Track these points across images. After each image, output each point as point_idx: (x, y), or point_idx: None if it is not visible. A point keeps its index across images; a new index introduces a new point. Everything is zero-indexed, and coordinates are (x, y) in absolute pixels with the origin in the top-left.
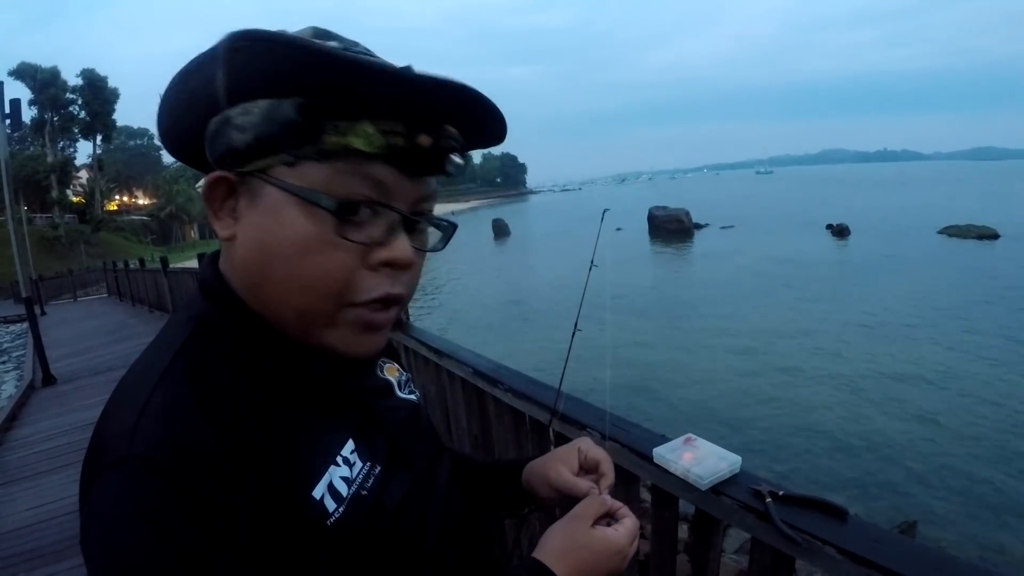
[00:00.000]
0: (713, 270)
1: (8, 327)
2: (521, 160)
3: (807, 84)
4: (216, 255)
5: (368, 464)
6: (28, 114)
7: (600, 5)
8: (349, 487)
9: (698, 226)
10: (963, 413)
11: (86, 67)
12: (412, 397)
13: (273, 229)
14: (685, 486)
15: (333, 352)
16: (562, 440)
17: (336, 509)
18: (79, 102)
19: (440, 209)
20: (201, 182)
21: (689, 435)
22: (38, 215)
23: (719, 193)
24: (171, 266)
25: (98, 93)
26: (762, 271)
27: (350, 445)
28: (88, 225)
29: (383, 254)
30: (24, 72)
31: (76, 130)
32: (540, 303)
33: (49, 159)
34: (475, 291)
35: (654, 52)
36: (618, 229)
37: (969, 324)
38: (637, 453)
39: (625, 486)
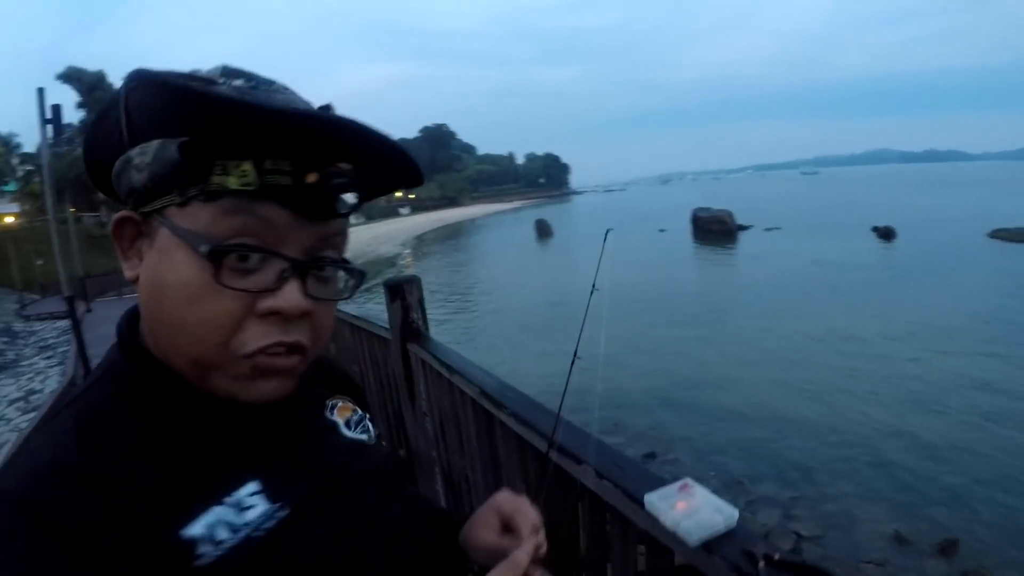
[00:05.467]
0: (756, 273)
1: (55, 323)
2: (564, 160)
3: (852, 82)
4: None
5: (275, 506)
6: (76, 116)
7: (640, 4)
8: (235, 529)
9: (742, 227)
10: (1014, 425)
11: (132, 69)
12: (362, 437)
13: (164, 272)
14: (676, 538)
15: (233, 398)
16: (561, 472)
17: (210, 551)
18: None
19: (483, 209)
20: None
21: (686, 481)
22: (86, 214)
23: (764, 194)
24: None
25: None
26: (806, 274)
27: (252, 487)
28: None
29: (268, 302)
30: (72, 76)
31: None
32: (580, 305)
33: None
34: (515, 291)
35: (696, 51)
36: (661, 230)
37: (1021, 332)
38: (629, 496)
39: (622, 525)
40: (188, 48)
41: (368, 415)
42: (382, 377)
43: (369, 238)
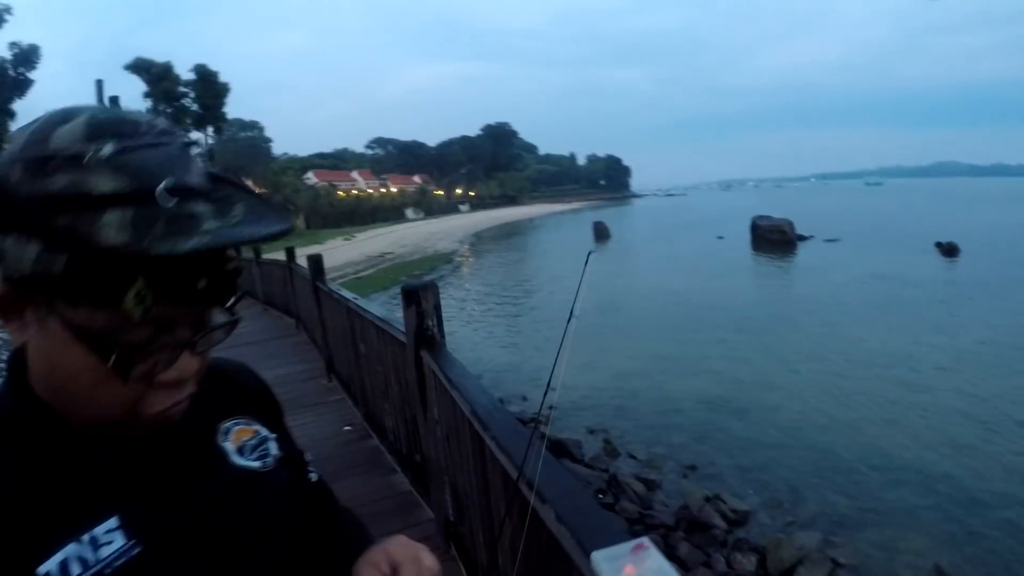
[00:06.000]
0: (812, 286)
1: None
2: (625, 163)
3: (919, 92)
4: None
5: (130, 543)
6: (143, 105)
7: (705, 7)
8: (88, 565)
9: (802, 238)
10: None
11: (198, 62)
12: (254, 464)
13: (62, 362)
14: None
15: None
16: (533, 512)
17: None
18: (191, 95)
19: (542, 209)
20: None
21: (642, 541)
22: None
23: (825, 204)
24: (262, 257)
25: (209, 87)
26: (863, 289)
27: (111, 523)
28: None
29: (170, 375)
30: (139, 67)
31: (188, 121)
32: (633, 312)
33: None
34: (568, 293)
35: (761, 56)
36: (720, 237)
37: None
38: (583, 547)
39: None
40: (253, 42)
41: (277, 435)
42: (401, 381)
43: (427, 233)
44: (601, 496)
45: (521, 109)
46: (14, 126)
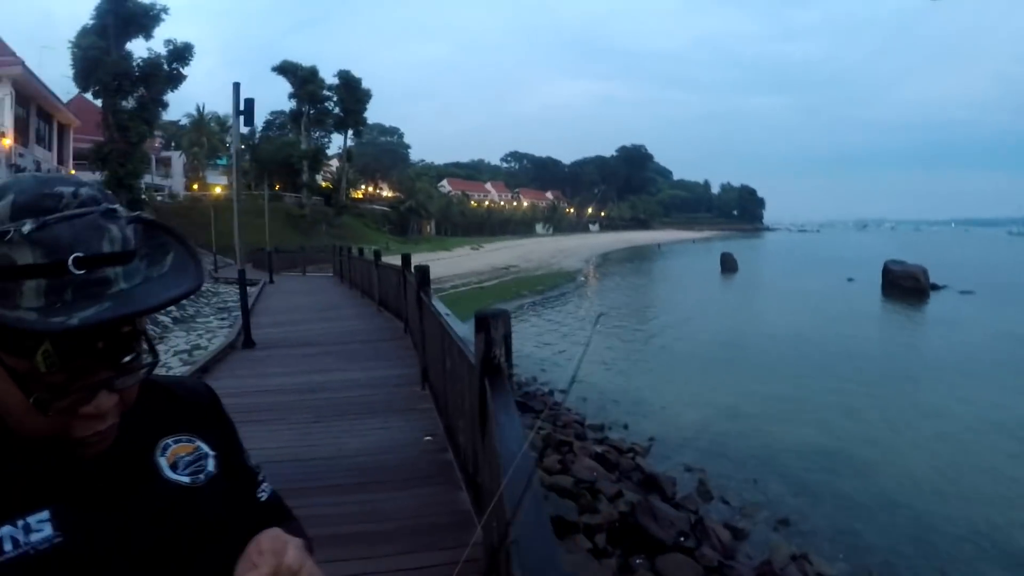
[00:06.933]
0: (941, 340)
1: (238, 288)
2: (760, 194)
3: None
4: None
5: (56, 533)
6: (288, 105)
7: (850, 38)
8: (17, 545)
9: (935, 287)
10: None
11: (342, 68)
12: (184, 479)
13: (1, 391)
14: None
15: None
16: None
17: None
18: (334, 99)
19: (672, 235)
20: None
21: None
22: (287, 194)
23: (963, 252)
24: (381, 260)
25: (352, 93)
26: (996, 348)
27: (43, 515)
28: (332, 208)
29: (87, 409)
30: (286, 69)
31: (330, 123)
32: (751, 350)
33: (303, 147)
34: (690, 322)
35: (905, 89)
36: (850, 280)
37: None
38: None
39: None
40: (397, 51)
41: (218, 453)
42: (471, 403)
43: (554, 250)
44: (683, 539)
45: (656, 132)
46: (166, 116)
